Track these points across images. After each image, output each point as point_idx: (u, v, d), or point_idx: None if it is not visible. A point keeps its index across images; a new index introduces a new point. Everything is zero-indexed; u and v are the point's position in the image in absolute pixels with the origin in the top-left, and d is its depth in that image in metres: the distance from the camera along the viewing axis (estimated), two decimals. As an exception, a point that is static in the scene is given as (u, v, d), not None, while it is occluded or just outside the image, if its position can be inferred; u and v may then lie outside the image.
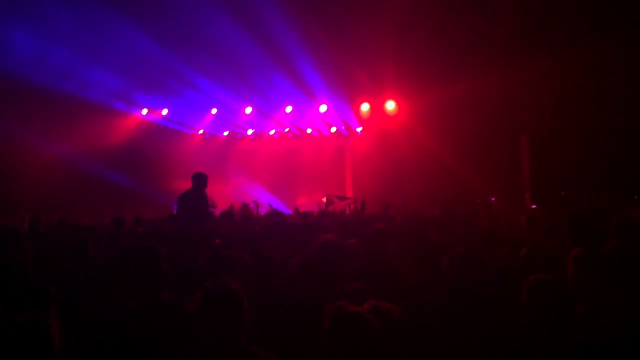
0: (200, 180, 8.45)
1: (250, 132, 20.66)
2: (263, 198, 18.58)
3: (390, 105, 16.97)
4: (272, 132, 20.61)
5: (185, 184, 8.81)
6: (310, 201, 19.65)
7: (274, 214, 11.90)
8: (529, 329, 2.72)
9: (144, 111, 18.07)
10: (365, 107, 17.43)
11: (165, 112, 18.38)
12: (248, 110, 18.15)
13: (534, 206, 12.10)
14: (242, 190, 19.87)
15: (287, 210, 16.68)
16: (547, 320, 2.67)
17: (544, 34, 11.97)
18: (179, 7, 11.89)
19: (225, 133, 20.96)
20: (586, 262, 3.42)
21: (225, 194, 18.30)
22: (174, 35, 13.02)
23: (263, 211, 14.82)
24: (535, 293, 2.74)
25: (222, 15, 12.09)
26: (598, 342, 2.65)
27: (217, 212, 13.97)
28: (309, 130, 20.26)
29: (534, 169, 12.72)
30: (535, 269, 4.10)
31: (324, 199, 16.12)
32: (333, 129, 19.90)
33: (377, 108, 17.36)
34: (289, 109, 18.04)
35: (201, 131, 20.61)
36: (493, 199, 13.89)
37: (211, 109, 18.58)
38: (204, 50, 13.62)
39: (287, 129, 20.36)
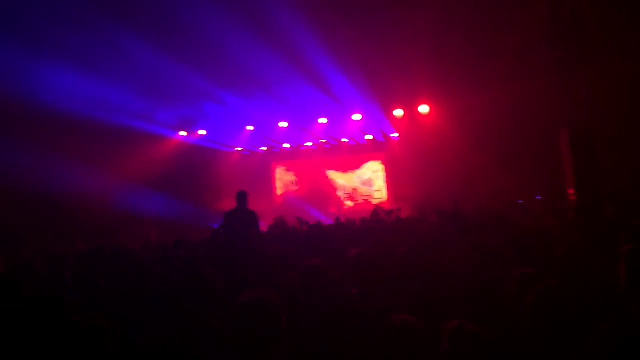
0: (241, 198, 8.61)
1: (287, 145, 20.84)
2: (309, 212, 18.66)
3: (425, 110, 16.85)
4: (308, 144, 20.72)
5: (230, 203, 8.97)
6: (354, 209, 19.66)
7: (316, 227, 11.92)
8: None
9: (183, 133, 18.48)
10: (399, 112, 17.35)
11: (203, 132, 18.74)
12: (283, 124, 18.34)
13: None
14: (288, 205, 20.03)
15: (328, 220, 16.70)
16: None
17: (583, 38, 11.76)
18: (203, 29, 12.02)
19: (263, 148, 21.20)
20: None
21: (270, 209, 18.45)
22: (204, 59, 13.22)
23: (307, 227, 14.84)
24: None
25: (252, 35, 12.20)
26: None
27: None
28: (344, 140, 20.29)
29: (577, 164, 12.41)
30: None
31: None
32: (369, 137, 19.87)
33: (411, 113, 17.27)
34: (323, 120, 18.13)
35: (239, 148, 20.91)
36: (539, 197, 13.58)
37: (247, 127, 18.84)
38: (232, 69, 13.79)
39: (322, 140, 20.44)
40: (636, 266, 3.27)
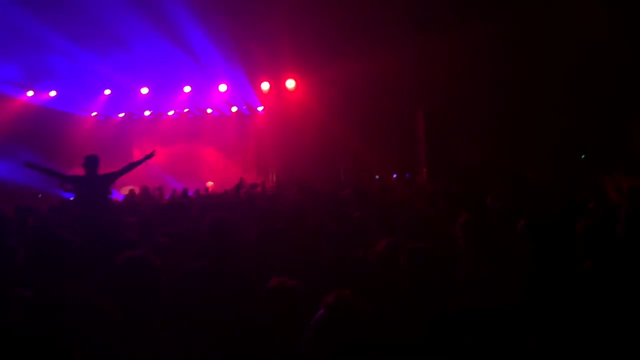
0: (91, 163, 7.89)
1: (147, 113, 19.89)
2: (169, 182, 18.02)
3: (290, 84, 16.94)
4: (170, 113, 19.96)
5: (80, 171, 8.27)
6: (218, 184, 19.31)
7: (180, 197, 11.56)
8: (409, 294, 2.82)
9: (30, 93, 16.89)
10: (265, 86, 17.29)
11: (53, 93, 17.26)
12: (144, 90, 17.45)
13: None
14: (147, 175, 19.15)
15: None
16: (425, 285, 2.78)
17: (436, 14, 12.42)
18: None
19: (121, 115, 20.05)
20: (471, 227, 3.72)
21: (127, 179, 17.51)
22: (64, 14, 12.17)
23: (167, 196, 14.35)
24: (413, 260, 2.84)
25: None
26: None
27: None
28: (209, 111, 19.81)
29: (430, 144, 13.20)
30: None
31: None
32: (234, 109, 19.58)
33: (277, 87, 17.28)
34: (187, 88, 17.53)
35: (94, 113, 19.59)
36: (395, 175, 14.26)
37: (104, 90, 17.68)
38: (94, 28, 12.87)
39: (186, 110, 19.80)
40: (469, 233, 3.61)
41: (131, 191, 15.65)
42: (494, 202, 6.63)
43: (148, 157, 8.61)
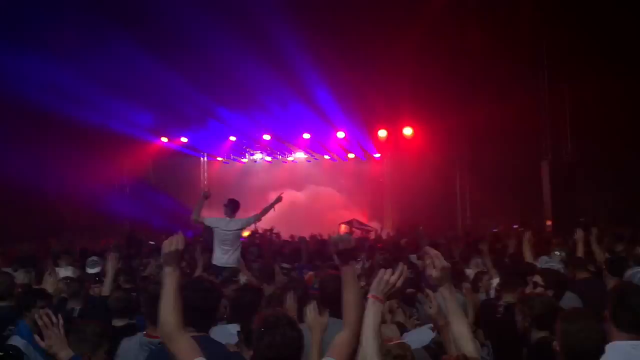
0: (233, 206, 8.30)
1: (268, 158, 20.71)
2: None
3: (408, 132, 16.95)
4: (290, 158, 20.63)
5: (205, 211, 8.70)
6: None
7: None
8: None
9: (164, 139, 18.26)
10: (382, 133, 17.42)
11: (184, 140, 18.55)
12: (266, 137, 18.26)
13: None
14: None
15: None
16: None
17: (563, 62, 12.01)
18: (197, 38, 12.05)
19: (244, 160, 21.03)
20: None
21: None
22: (194, 67, 13.24)
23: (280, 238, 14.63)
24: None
25: (241, 46, 12.25)
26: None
27: None
28: (326, 157, 20.22)
29: (556, 195, 12.53)
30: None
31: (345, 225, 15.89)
32: (351, 155, 19.83)
33: (394, 134, 17.34)
34: (306, 135, 18.10)
35: (220, 158, 20.74)
36: (515, 226, 13.60)
37: (230, 137, 18.72)
38: (223, 80, 13.80)
39: (305, 155, 20.37)
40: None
41: (252, 232, 16.17)
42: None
43: (277, 201, 8.87)
